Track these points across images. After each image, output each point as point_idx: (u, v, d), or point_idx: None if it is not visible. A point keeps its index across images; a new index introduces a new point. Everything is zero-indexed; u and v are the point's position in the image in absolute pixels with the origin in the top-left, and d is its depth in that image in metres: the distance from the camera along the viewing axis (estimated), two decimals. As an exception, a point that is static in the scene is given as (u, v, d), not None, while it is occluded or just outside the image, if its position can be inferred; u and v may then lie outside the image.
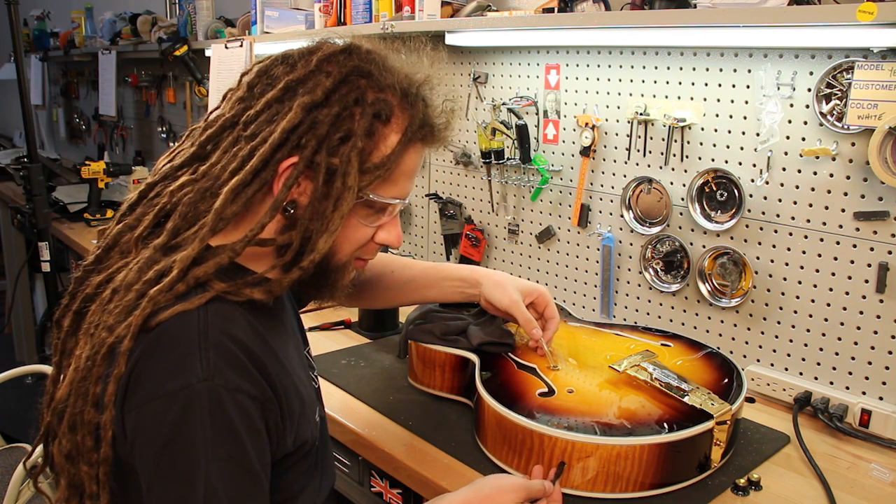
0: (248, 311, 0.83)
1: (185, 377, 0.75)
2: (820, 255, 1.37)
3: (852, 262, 1.33)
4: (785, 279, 1.43)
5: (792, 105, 1.36)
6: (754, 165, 1.44)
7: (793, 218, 1.40)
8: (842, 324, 1.36)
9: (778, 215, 1.42)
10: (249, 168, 0.82)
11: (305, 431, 0.89)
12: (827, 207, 1.35)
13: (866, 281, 1.31)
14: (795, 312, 1.42)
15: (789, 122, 1.37)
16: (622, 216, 1.66)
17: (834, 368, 1.38)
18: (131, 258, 0.85)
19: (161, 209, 0.87)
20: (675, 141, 1.54)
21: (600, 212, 1.72)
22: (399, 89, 0.87)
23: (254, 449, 0.77)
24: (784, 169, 1.40)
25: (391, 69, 0.88)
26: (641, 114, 1.57)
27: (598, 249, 1.72)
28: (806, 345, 1.41)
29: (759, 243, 1.45)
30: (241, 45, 2.42)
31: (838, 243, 1.34)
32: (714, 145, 1.49)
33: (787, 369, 1.45)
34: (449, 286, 1.31)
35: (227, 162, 0.85)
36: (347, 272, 0.93)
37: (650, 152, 1.60)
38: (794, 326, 1.43)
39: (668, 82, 1.55)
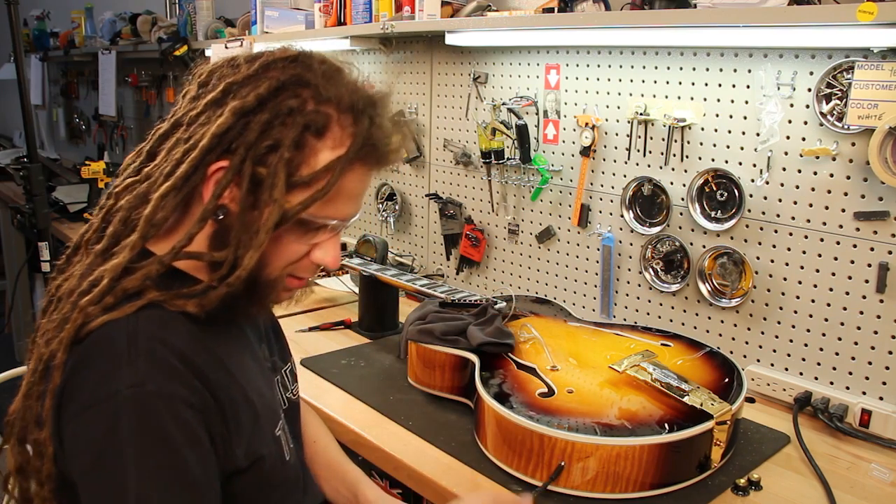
0: (190, 318, 0.80)
1: (113, 385, 0.72)
2: (820, 255, 1.37)
3: (852, 262, 1.33)
4: (785, 279, 1.43)
5: (792, 105, 1.36)
6: (754, 165, 1.44)
7: (793, 218, 1.40)
8: (842, 324, 1.36)
9: (778, 215, 1.42)
10: (180, 173, 0.80)
11: (261, 446, 0.86)
12: (827, 207, 1.35)
13: (866, 281, 1.31)
14: (795, 312, 1.42)
15: (789, 122, 1.37)
16: (622, 216, 1.65)
17: (834, 368, 1.38)
18: (80, 262, 0.84)
19: (107, 211, 0.86)
20: (675, 141, 1.54)
21: (600, 212, 1.72)
22: (343, 104, 0.82)
23: (196, 460, 0.74)
24: (784, 169, 1.40)
25: (339, 82, 0.83)
26: (641, 114, 1.57)
27: (598, 249, 1.72)
28: (806, 345, 1.41)
29: (759, 243, 1.45)
30: (241, 45, 2.42)
31: (838, 243, 1.34)
32: (714, 145, 1.49)
33: (787, 369, 1.45)
34: None
35: (164, 165, 0.83)
36: (277, 289, 0.88)
37: (650, 152, 1.59)
38: (794, 326, 1.43)
39: (668, 82, 1.55)
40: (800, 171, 1.38)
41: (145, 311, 0.78)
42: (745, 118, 1.44)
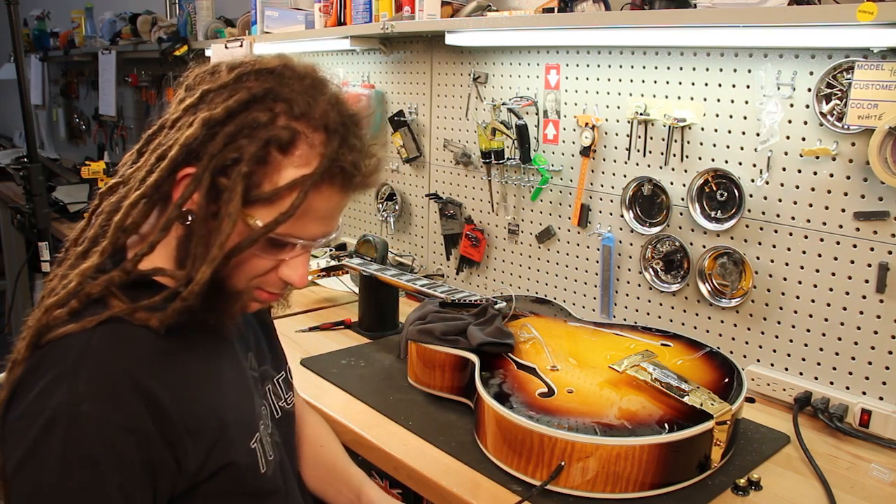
0: (156, 331, 0.80)
1: (52, 400, 0.72)
2: (820, 255, 1.37)
3: (852, 262, 1.33)
4: (785, 279, 1.43)
5: (792, 105, 1.36)
6: (754, 165, 1.44)
7: (793, 218, 1.40)
8: (842, 324, 1.36)
9: (778, 215, 1.42)
10: (150, 181, 0.80)
11: (227, 457, 0.85)
12: (827, 207, 1.35)
13: (866, 281, 1.31)
14: (795, 312, 1.42)
15: (789, 122, 1.37)
16: (622, 216, 1.65)
17: (834, 368, 1.38)
18: (65, 263, 0.84)
19: (92, 213, 0.86)
20: (675, 141, 1.54)
21: (600, 212, 1.72)
22: (316, 121, 0.80)
23: (118, 485, 0.73)
24: (784, 169, 1.40)
25: (316, 98, 0.81)
26: (641, 114, 1.57)
27: (598, 249, 1.72)
28: (806, 345, 1.41)
29: (759, 243, 1.45)
30: (241, 45, 2.43)
31: (838, 243, 1.34)
32: (714, 145, 1.49)
33: (787, 369, 1.45)
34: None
35: (140, 170, 0.83)
36: (243, 300, 0.87)
37: (650, 152, 1.59)
38: (794, 326, 1.43)
39: (668, 82, 1.55)
40: (800, 171, 1.38)
41: (105, 326, 0.77)
42: (745, 118, 1.44)
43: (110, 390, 0.74)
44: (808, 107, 1.34)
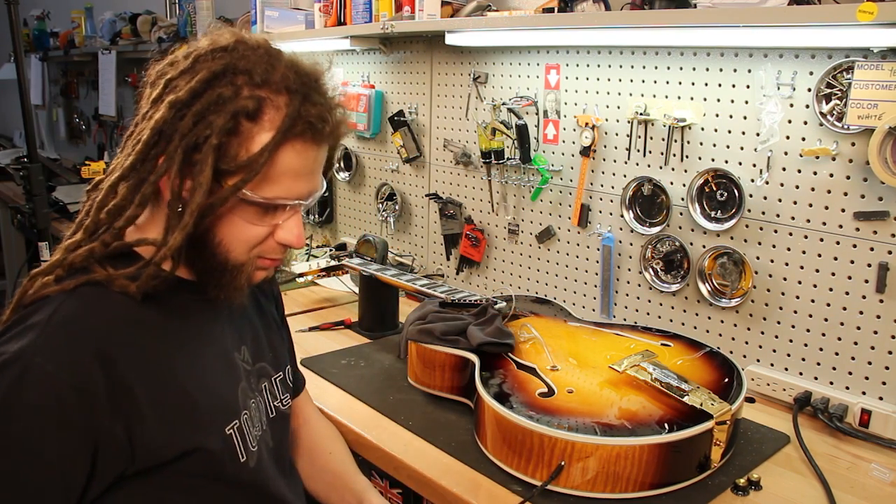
0: (140, 302, 0.84)
1: (12, 346, 0.77)
2: (820, 255, 1.37)
3: (852, 262, 1.33)
4: (785, 279, 1.43)
5: (792, 105, 1.36)
6: (754, 165, 1.44)
7: (793, 218, 1.40)
8: (842, 324, 1.36)
9: (778, 215, 1.42)
10: (127, 164, 0.85)
11: (196, 440, 0.86)
12: (827, 207, 1.35)
13: (866, 281, 1.31)
14: (795, 312, 1.42)
15: (789, 122, 1.37)
16: (622, 216, 1.66)
17: (834, 368, 1.38)
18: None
19: (83, 206, 0.93)
20: (675, 141, 1.54)
21: (600, 212, 1.72)
22: (278, 86, 0.84)
23: (56, 440, 0.76)
24: (784, 169, 1.40)
25: (275, 65, 0.85)
26: (641, 114, 1.57)
27: (598, 249, 1.72)
28: (806, 345, 1.41)
29: (759, 243, 1.45)
30: (241, 45, 2.42)
31: (838, 243, 1.34)
32: (714, 145, 1.49)
33: (787, 369, 1.45)
34: None
35: (119, 158, 0.89)
36: (247, 272, 0.91)
37: (650, 152, 1.59)
38: (794, 326, 1.43)
39: (668, 82, 1.55)
40: (800, 171, 1.38)
41: (82, 289, 0.82)
42: (745, 118, 1.44)
43: (68, 347, 0.78)
44: (808, 107, 1.34)
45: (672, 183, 1.56)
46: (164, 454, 0.83)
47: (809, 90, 1.33)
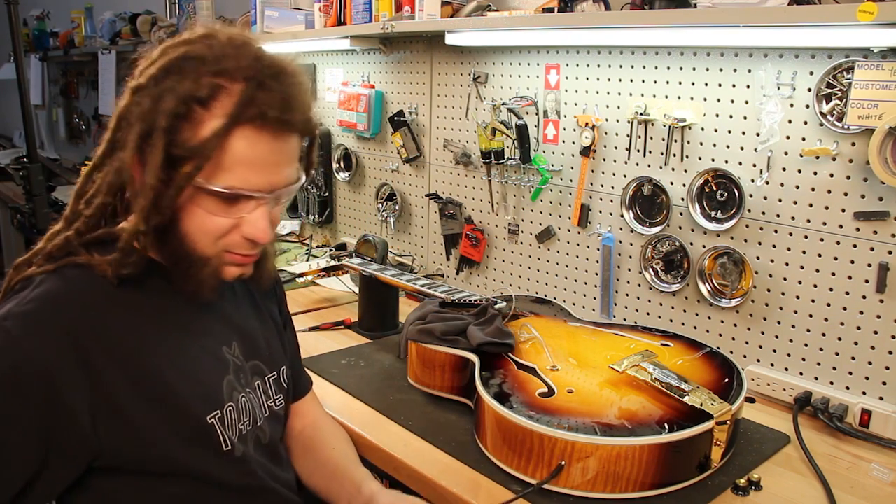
0: (121, 287, 0.86)
1: None
2: (820, 255, 1.37)
3: (852, 262, 1.33)
4: (785, 279, 1.43)
5: (792, 105, 1.36)
6: (754, 165, 1.44)
7: (793, 218, 1.40)
8: (842, 324, 1.36)
9: (778, 215, 1.42)
10: (100, 153, 0.89)
11: (171, 424, 0.87)
12: (827, 207, 1.35)
13: (866, 281, 1.31)
14: (795, 312, 1.42)
15: (789, 122, 1.37)
16: (622, 216, 1.65)
17: (834, 368, 1.38)
18: None
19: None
20: (675, 141, 1.54)
21: (600, 212, 1.72)
22: (237, 75, 0.83)
23: (10, 405, 0.77)
24: (784, 169, 1.40)
25: (239, 56, 0.84)
26: (641, 114, 1.57)
27: (598, 249, 1.72)
28: (806, 345, 1.41)
29: (759, 243, 1.45)
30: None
31: (838, 243, 1.34)
32: (714, 145, 1.49)
33: (787, 369, 1.45)
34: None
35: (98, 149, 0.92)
36: (213, 266, 0.90)
37: (650, 152, 1.59)
38: (794, 326, 1.43)
39: (668, 82, 1.55)
40: (800, 171, 1.38)
41: (64, 269, 0.86)
42: (745, 118, 1.44)
43: (40, 318, 0.80)
44: (808, 107, 1.34)
45: (672, 183, 1.56)
46: (140, 438, 0.84)
47: (809, 90, 1.33)
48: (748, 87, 1.43)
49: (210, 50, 0.83)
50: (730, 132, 1.47)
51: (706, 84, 1.49)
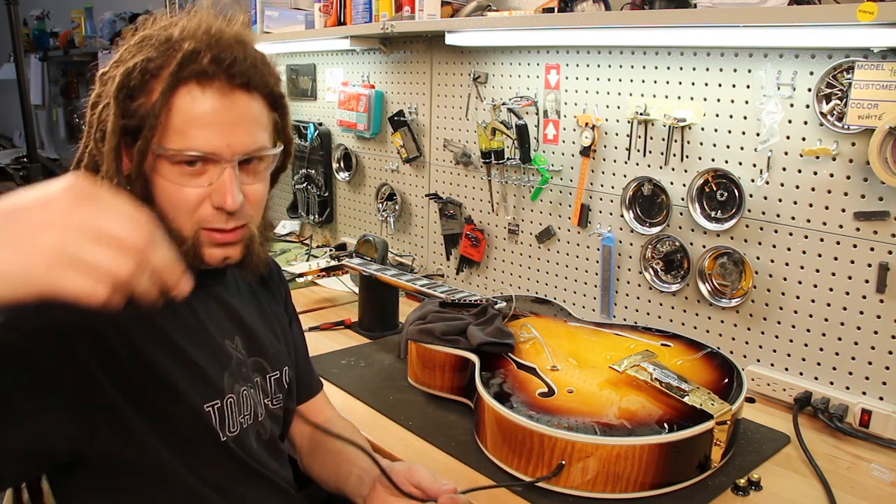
0: None
1: None
2: (820, 255, 1.37)
3: (852, 262, 1.33)
4: (785, 279, 1.43)
5: (792, 105, 1.36)
6: (754, 165, 1.44)
7: (793, 218, 1.40)
8: (842, 324, 1.36)
9: (778, 215, 1.42)
10: (80, 145, 0.90)
11: (174, 398, 0.88)
12: (827, 207, 1.35)
13: (866, 281, 1.31)
14: (795, 312, 1.42)
15: (789, 122, 1.37)
16: (622, 216, 1.65)
17: (834, 368, 1.38)
18: None
19: None
20: (675, 141, 1.54)
21: (600, 212, 1.72)
22: (185, 42, 0.84)
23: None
24: (784, 169, 1.40)
25: (198, 35, 0.85)
26: (641, 114, 1.57)
27: (598, 249, 1.72)
28: (806, 345, 1.41)
29: (759, 243, 1.45)
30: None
31: (838, 243, 1.34)
32: (714, 145, 1.49)
33: (787, 369, 1.45)
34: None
35: None
36: (189, 244, 0.88)
37: (650, 152, 1.59)
38: (794, 326, 1.43)
39: (668, 82, 1.55)
40: (800, 171, 1.38)
41: None
42: (745, 118, 1.44)
43: None
44: (808, 107, 1.34)
45: (672, 183, 1.56)
46: (140, 407, 0.84)
47: (809, 90, 1.33)
48: (748, 87, 1.43)
49: (165, 31, 0.86)
50: (730, 132, 1.47)
51: (706, 84, 1.49)
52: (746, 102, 1.43)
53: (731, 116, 1.46)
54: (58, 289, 0.52)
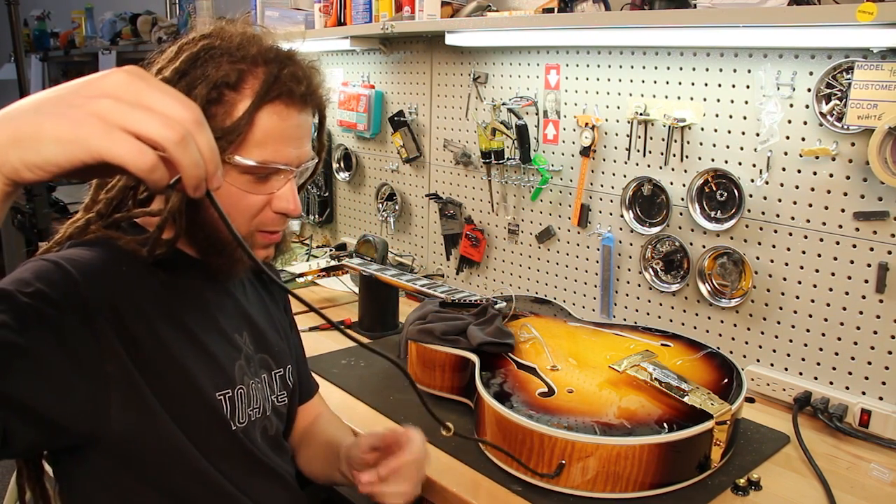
0: (147, 265, 0.89)
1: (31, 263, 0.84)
2: (820, 255, 1.37)
3: (852, 262, 1.33)
4: (785, 279, 1.43)
5: (792, 105, 1.36)
6: (754, 165, 1.44)
7: (793, 218, 1.40)
8: (842, 324, 1.36)
9: (778, 215, 1.42)
10: None
11: (177, 389, 0.88)
12: (827, 207, 1.35)
13: (866, 281, 1.31)
14: (795, 312, 1.42)
15: (789, 122, 1.37)
16: (622, 216, 1.66)
17: (834, 368, 1.38)
18: None
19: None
20: (675, 141, 1.54)
21: (600, 212, 1.72)
22: (258, 60, 0.89)
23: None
24: (784, 169, 1.40)
25: (254, 45, 0.90)
26: (641, 114, 1.57)
27: (598, 249, 1.72)
28: (806, 345, 1.41)
29: (759, 243, 1.45)
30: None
31: (838, 243, 1.34)
32: (714, 145, 1.49)
33: (787, 369, 1.45)
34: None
35: None
36: (251, 245, 0.93)
37: (650, 152, 1.60)
38: (794, 326, 1.43)
39: (668, 82, 1.55)
40: (799, 171, 1.38)
41: (94, 242, 0.89)
42: (744, 118, 1.44)
43: (58, 269, 0.81)
44: (807, 107, 1.34)
45: (672, 183, 1.56)
46: (150, 407, 0.85)
47: (809, 90, 1.33)
48: (748, 87, 1.43)
49: (229, 41, 0.89)
50: (730, 132, 1.47)
51: (706, 84, 1.49)
52: (746, 102, 1.43)
53: (730, 116, 1.46)
54: (108, 153, 0.53)
